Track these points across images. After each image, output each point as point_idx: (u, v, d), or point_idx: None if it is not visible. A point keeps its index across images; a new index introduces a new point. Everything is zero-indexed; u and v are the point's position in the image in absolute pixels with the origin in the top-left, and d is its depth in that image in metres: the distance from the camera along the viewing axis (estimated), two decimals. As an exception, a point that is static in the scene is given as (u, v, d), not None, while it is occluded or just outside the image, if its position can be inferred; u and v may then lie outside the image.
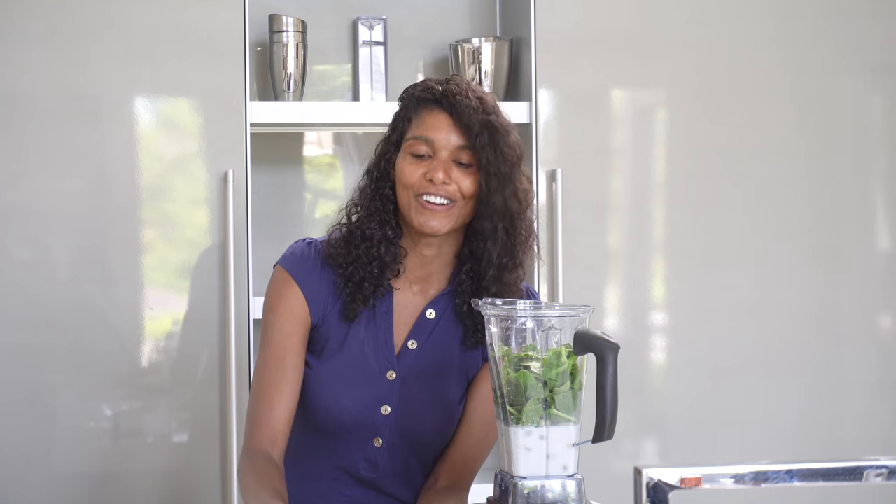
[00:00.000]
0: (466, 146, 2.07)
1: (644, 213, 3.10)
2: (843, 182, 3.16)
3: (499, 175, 2.07)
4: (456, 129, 2.07)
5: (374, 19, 3.19)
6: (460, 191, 2.07)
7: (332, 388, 2.13)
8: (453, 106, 2.07)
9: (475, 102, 2.08)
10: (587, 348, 1.80)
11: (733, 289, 3.10)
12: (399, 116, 2.13)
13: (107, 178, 2.89)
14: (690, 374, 3.09)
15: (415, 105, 2.11)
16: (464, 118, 2.06)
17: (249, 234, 2.91)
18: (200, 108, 2.93)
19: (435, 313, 2.15)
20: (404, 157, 2.10)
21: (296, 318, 2.13)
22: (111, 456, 2.88)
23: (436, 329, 2.15)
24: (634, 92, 3.14)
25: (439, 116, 2.08)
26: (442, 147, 2.07)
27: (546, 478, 1.82)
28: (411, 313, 2.16)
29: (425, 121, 2.09)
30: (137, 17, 2.89)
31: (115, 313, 2.88)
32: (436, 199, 2.06)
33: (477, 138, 2.06)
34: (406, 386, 2.14)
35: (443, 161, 2.07)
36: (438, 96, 2.08)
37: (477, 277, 2.13)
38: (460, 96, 2.07)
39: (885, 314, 3.19)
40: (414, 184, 2.07)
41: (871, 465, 1.74)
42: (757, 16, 3.12)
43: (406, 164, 2.09)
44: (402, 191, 2.09)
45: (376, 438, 2.14)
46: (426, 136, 2.07)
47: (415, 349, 2.14)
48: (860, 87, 3.17)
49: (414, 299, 2.16)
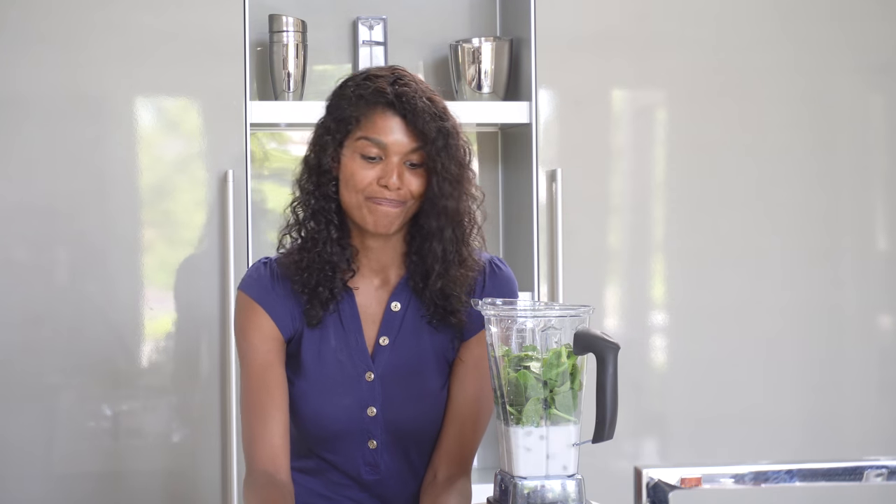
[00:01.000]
0: (418, 148, 2.06)
1: (644, 213, 3.10)
2: (843, 182, 3.16)
3: (450, 179, 2.07)
4: (408, 132, 2.05)
5: (374, 19, 3.19)
6: (411, 192, 2.07)
7: (315, 401, 2.13)
8: (407, 110, 2.05)
9: (428, 105, 2.06)
10: (587, 348, 1.80)
11: (733, 289, 3.10)
12: (345, 113, 2.08)
13: (107, 178, 2.89)
14: (690, 374, 3.09)
15: (364, 105, 2.07)
16: (419, 123, 2.05)
17: (249, 234, 2.91)
18: (200, 108, 2.93)
19: (400, 305, 2.15)
20: (353, 157, 2.07)
21: (268, 336, 2.12)
22: (111, 456, 2.88)
23: (404, 321, 2.15)
24: (634, 92, 3.14)
25: (392, 120, 2.06)
26: (394, 151, 2.05)
27: (546, 478, 1.82)
28: (377, 309, 2.15)
29: (377, 123, 2.06)
30: (137, 17, 2.89)
31: (115, 313, 2.88)
32: (388, 206, 2.06)
33: (432, 144, 2.05)
34: (386, 384, 2.13)
35: (395, 165, 2.05)
36: (392, 99, 2.06)
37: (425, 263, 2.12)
38: (413, 98, 2.05)
39: (885, 314, 3.19)
40: (365, 188, 2.06)
41: (871, 465, 1.74)
42: (757, 16, 3.12)
43: (356, 167, 2.06)
44: (349, 192, 2.07)
45: (370, 441, 2.14)
46: (379, 139, 2.05)
47: (387, 345, 2.14)
48: (860, 86, 3.17)
49: (376, 294, 2.15)
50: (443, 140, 2.06)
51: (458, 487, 2.13)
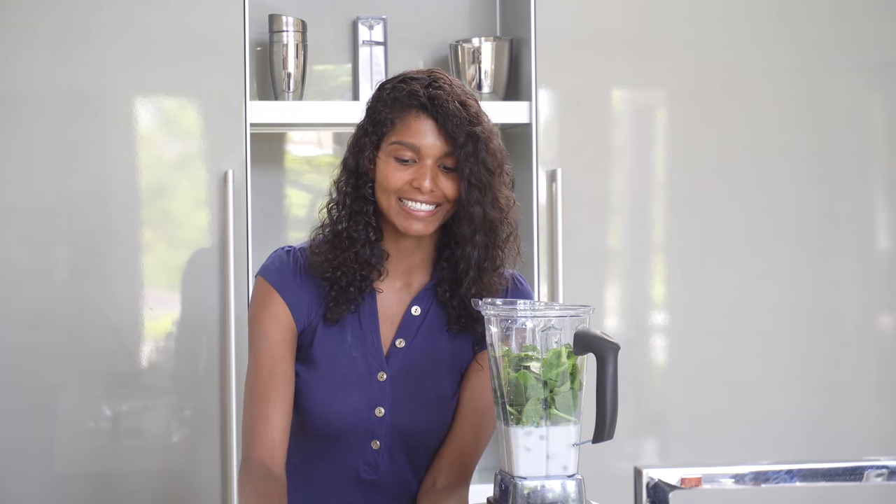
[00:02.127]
0: (451, 152, 2.07)
1: (644, 213, 3.10)
2: (843, 182, 3.16)
3: (479, 185, 2.07)
4: (441, 135, 2.06)
5: (374, 19, 3.19)
6: (445, 195, 2.07)
7: (323, 395, 2.12)
8: (439, 114, 2.06)
9: (460, 109, 2.07)
10: (587, 348, 1.80)
11: (733, 289, 3.10)
12: (381, 116, 2.10)
13: (107, 178, 2.89)
14: (690, 374, 3.09)
15: (399, 108, 2.08)
16: (449, 127, 2.05)
17: (249, 234, 2.91)
18: (200, 108, 2.93)
19: (420, 309, 2.15)
20: (388, 160, 2.08)
21: (282, 326, 2.12)
22: (111, 456, 2.88)
23: (422, 325, 2.15)
24: (634, 92, 3.14)
25: (426, 123, 2.06)
26: (428, 154, 2.06)
27: (546, 478, 1.82)
28: (396, 311, 2.15)
29: (411, 126, 2.07)
30: (137, 17, 2.89)
31: (114, 313, 2.88)
32: (421, 206, 2.06)
33: (461, 149, 2.05)
34: (397, 386, 2.13)
35: (429, 168, 2.06)
36: (425, 101, 2.07)
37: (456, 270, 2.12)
38: (446, 103, 2.06)
39: (885, 314, 3.19)
40: (399, 189, 2.07)
41: (871, 465, 1.74)
42: (757, 16, 3.12)
43: (390, 170, 2.07)
44: (383, 194, 2.08)
45: (374, 441, 2.14)
46: (412, 142, 2.06)
47: (403, 347, 2.14)
48: (860, 86, 3.17)
49: (398, 296, 2.16)
50: (472, 145, 2.06)
51: (456, 497, 2.13)
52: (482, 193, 2.07)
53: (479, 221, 2.08)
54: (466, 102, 2.09)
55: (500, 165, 2.11)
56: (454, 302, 2.13)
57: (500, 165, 2.11)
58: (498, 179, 2.10)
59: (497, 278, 2.13)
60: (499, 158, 2.10)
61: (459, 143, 2.05)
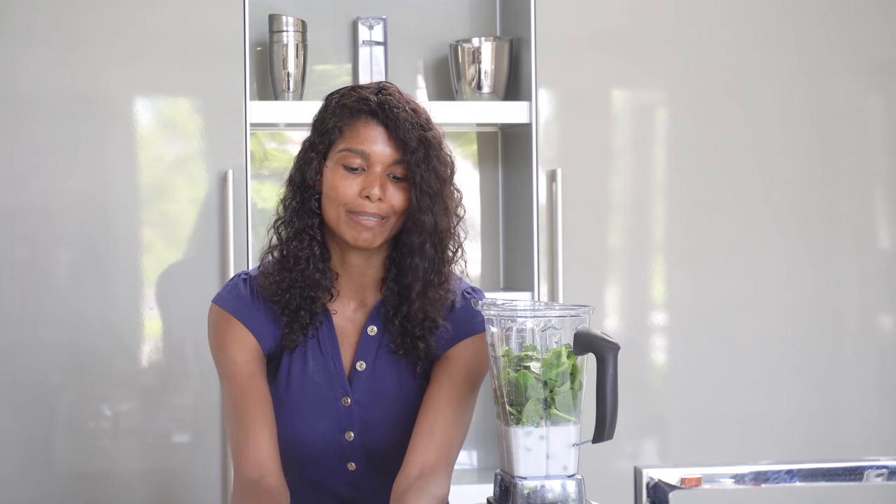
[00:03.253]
0: (401, 160, 2.02)
1: (644, 213, 3.10)
2: (843, 182, 3.16)
3: (430, 193, 2.02)
4: (391, 142, 2.01)
5: (374, 19, 3.19)
6: (393, 207, 2.02)
7: (292, 420, 2.10)
8: (389, 119, 2.01)
9: (411, 115, 2.03)
10: (587, 348, 1.80)
11: (733, 288, 3.10)
12: (328, 125, 2.05)
13: (107, 178, 2.89)
14: (690, 374, 3.09)
15: (348, 115, 2.04)
16: (400, 132, 2.01)
17: (249, 235, 2.91)
18: (200, 108, 2.93)
19: (376, 329, 2.10)
20: (336, 169, 2.03)
21: (247, 349, 2.07)
22: (111, 456, 2.88)
23: (381, 345, 2.11)
24: (634, 92, 3.14)
25: (376, 129, 2.02)
26: (377, 161, 2.01)
27: (546, 478, 1.82)
28: (353, 333, 2.11)
29: (360, 133, 2.02)
30: (137, 17, 2.89)
31: (114, 313, 2.88)
32: (370, 218, 2.01)
33: (413, 154, 2.01)
34: (364, 409, 2.10)
35: (378, 176, 2.01)
36: (374, 107, 2.02)
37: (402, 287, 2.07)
38: (397, 108, 2.02)
39: (885, 314, 3.19)
40: (346, 201, 2.01)
41: (871, 465, 1.74)
42: (757, 16, 3.12)
43: (338, 179, 2.02)
44: (330, 205, 2.03)
45: (349, 463, 2.11)
46: (361, 149, 2.01)
47: (364, 370, 2.10)
48: (860, 86, 3.17)
49: (353, 317, 2.11)
50: (423, 151, 2.02)
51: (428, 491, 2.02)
52: (432, 201, 2.02)
53: (429, 229, 2.03)
54: (417, 109, 2.05)
55: (451, 175, 2.07)
56: (396, 321, 2.08)
57: (451, 175, 2.07)
58: (448, 188, 2.06)
59: (443, 293, 2.07)
60: (449, 167, 2.06)
61: (411, 149, 2.01)
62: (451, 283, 2.09)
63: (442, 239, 2.05)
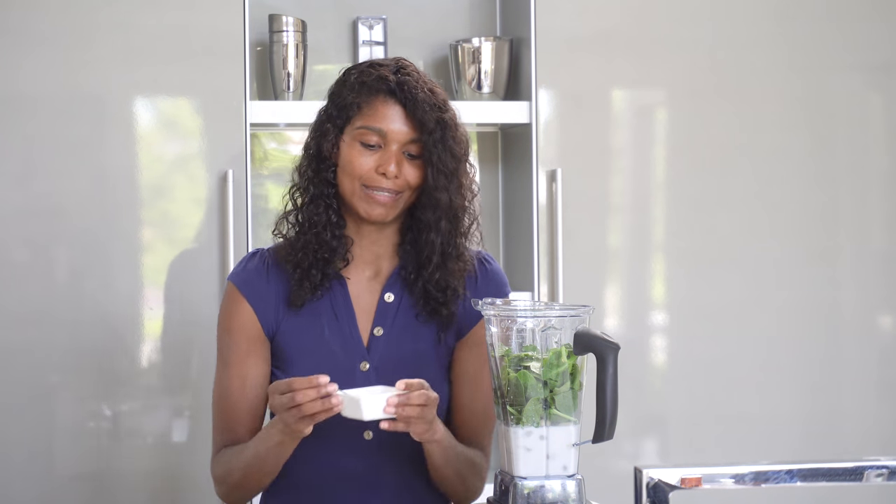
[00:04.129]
0: (417, 139, 2.07)
1: (644, 213, 3.10)
2: (843, 182, 3.16)
3: (445, 172, 2.08)
4: (408, 121, 2.07)
5: (374, 19, 3.19)
6: (408, 182, 2.08)
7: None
8: (408, 99, 2.07)
9: (429, 95, 2.08)
10: (587, 348, 1.80)
11: (733, 289, 3.10)
12: (346, 100, 2.10)
13: (107, 178, 2.89)
14: (690, 374, 3.09)
15: (367, 93, 2.09)
16: (418, 113, 2.06)
17: (249, 234, 2.91)
18: (200, 108, 2.93)
19: (393, 296, 2.14)
20: (352, 144, 2.09)
21: (250, 337, 2.12)
22: (111, 456, 2.88)
23: (398, 312, 2.14)
24: (634, 92, 3.14)
25: (393, 108, 2.08)
26: (394, 139, 2.07)
27: (546, 478, 1.82)
28: (370, 301, 2.14)
29: (378, 111, 2.08)
30: (138, 17, 2.89)
31: (114, 313, 2.88)
32: (384, 194, 2.06)
33: (430, 135, 2.06)
34: (382, 375, 2.11)
35: (394, 153, 2.07)
36: (393, 86, 2.08)
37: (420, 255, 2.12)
38: (415, 89, 2.07)
39: (885, 314, 3.19)
40: (363, 175, 2.07)
41: (871, 465, 1.74)
42: (757, 16, 3.12)
43: (355, 154, 2.08)
44: (346, 178, 2.09)
45: (365, 432, 2.12)
46: (379, 127, 2.07)
47: (381, 336, 2.12)
48: (859, 86, 3.17)
49: (369, 286, 2.15)
50: (440, 131, 2.07)
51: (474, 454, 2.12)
52: (448, 180, 2.08)
53: (444, 207, 2.08)
54: (434, 90, 2.10)
55: (466, 154, 2.12)
56: (419, 284, 2.12)
57: (466, 154, 2.12)
58: (463, 166, 2.11)
59: (462, 264, 2.13)
60: (464, 147, 2.12)
61: (428, 130, 2.06)
62: (468, 254, 2.15)
63: (457, 215, 2.11)
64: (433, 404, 1.95)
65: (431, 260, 2.10)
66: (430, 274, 2.10)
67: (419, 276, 2.12)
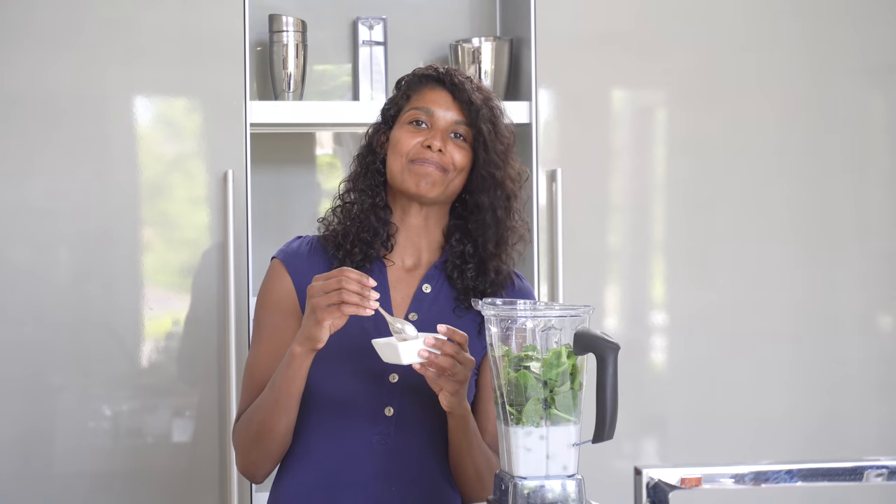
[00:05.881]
0: (464, 122, 2.16)
1: (644, 213, 3.10)
2: (843, 182, 3.16)
3: (496, 151, 2.16)
4: (455, 106, 2.16)
5: (374, 19, 3.19)
6: (453, 162, 2.15)
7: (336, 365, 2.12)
8: (454, 85, 2.16)
9: (474, 86, 2.18)
10: (587, 348, 1.80)
11: (733, 289, 3.10)
12: (398, 94, 2.22)
13: (107, 178, 2.89)
14: (690, 374, 3.09)
15: (416, 83, 2.20)
16: (464, 96, 2.15)
17: (249, 234, 2.91)
18: (200, 108, 2.93)
19: (431, 287, 2.19)
20: (401, 126, 2.18)
21: (285, 311, 2.17)
22: (111, 456, 2.88)
23: (435, 302, 2.18)
24: (634, 92, 3.14)
25: (441, 93, 2.18)
26: (441, 118, 2.16)
27: (546, 478, 1.82)
28: (407, 289, 2.19)
29: (426, 95, 2.18)
30: (137, 17, 2.89)
31: (115, 313, 2.88)
32: (431, 167, 2.13)
33: (478, 113, 2.14)
34: None
35: (440, 131, 2.15)
36: (441, 75, 2.18)
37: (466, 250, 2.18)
38: (462, 78, 2.18)
39: (885, 314, 3.19)
40: (409, 150, 2.15)
41: (871, 465, 1.74)
42: (756, 16, 3.12)
43: (403, 133, 2.17)
44: (395, 159, 2.17)
45: (387, 408, 2.13)
46: (426, 107, 2.17)
47: (416, 321, 2.15)
48: (859, 87, 3.17)
49: (408, 275, 2.20)
50: (488, 111, 2.16)
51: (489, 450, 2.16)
52: (500, 160, 2.16)
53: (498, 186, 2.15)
54: (480, 86, 2.20)
55: (512, 145, 2.20)
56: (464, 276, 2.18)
57: (512, 145, 2.20)
58: (512, 154, 2.20)
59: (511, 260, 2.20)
60: (510, 136, 2.20)
61: (476, 108, 2.15)
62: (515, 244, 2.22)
63: (510, 202, 2.18)
64: (468, 365, 1.99)
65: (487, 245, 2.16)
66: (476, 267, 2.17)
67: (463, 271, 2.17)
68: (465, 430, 2.09)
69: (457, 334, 1.99)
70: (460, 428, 2.09)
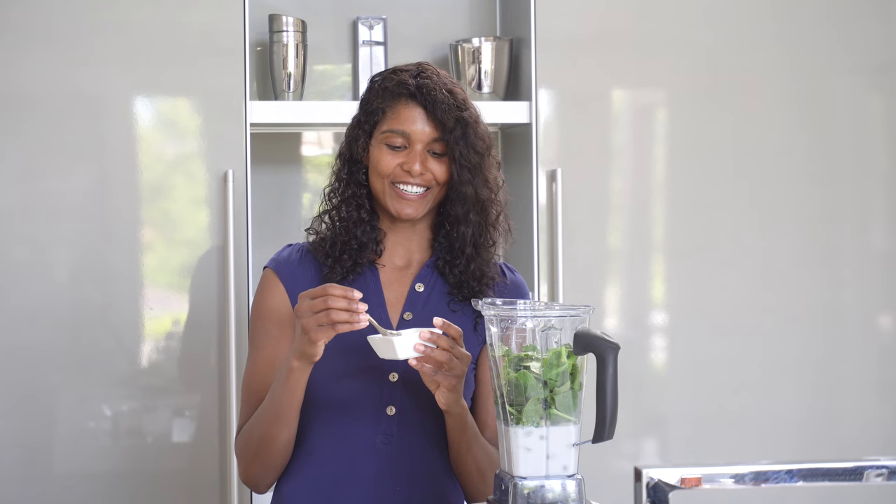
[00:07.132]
0: (439, 138, 2.16)
1: (644, 213, 3.10)
2: (843, 182, 3.16)
3: (469, 167, 2.17)
4: (430, 122, 2.16)
5: (374, 19, 3.19)
6: (434, 178, 2.17)
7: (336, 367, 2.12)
8: (427, 101, 2.16)
9: (447, 96, 2.17)
10: (587, 348, 1.80)
11: (733, 288, 3.10)
12: (372, 106, 2.21)
13: (107, 178, 2.89)
14: (690, 374, 3.09)
15: (389, 97, 2.19)
16: (438, 114, 2.15)
17: (249, 235, 2.91)
18: (200, 108, 2.93)
19: (424, 286, 2.21)
20: (380, 147, 2.18)
21: (280, 321, 2.18)
22: (111, 456, 2.88)
23: (428, 301, 2.19)
24: (634, 92, 3.14)
25: (415, 110, 2.17)
26: (417, 140, 2.16)
27: (546, 478, 1.82)
28: (400, 289, 2.21)
29: (401, 114, 2.17)
30: (138, 17, 2.89)
31: (114, 313, 2.88)
32: (412, 189, 2.16)
33: (451, 133, 2.15)
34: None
35: (418, 153, 2.16)
36: (413, 90, 2.17)
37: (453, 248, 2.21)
38: (434, 90, 2.16)
39: (885, 314, 3.19)
40: (390, 174, 2.16)
41: (871, 465, 1.74)
42: (757, 16, 3.12)
43: (382, 155, 2.17)
44: (376, 178, 2.18)
45: (389, 407, 2.14)
46: (402, 129, 2.16)
47: (411, 320, 2.17)
48: (860, 87, 3.17)
49: (400, 275, 2.22)
50: (461, 129, 2.16)
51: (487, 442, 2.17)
52: (473, 175, 2.17)
53: (471, 201, 2.18)
54: (453, 90, 2.19)
55: (488, 148, 2.21)
56: (455, 272, 2.20)
57: (488, 148, 2.21)
58: (486, 161, 2.20)
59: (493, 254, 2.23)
60: (486, 142, 2.21)
61: (448, 128, 2.15)
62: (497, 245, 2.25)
63: (484, 207, 2.20)
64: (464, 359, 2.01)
65: (464, 251, 2.19)
66: (464, 264, 2.19)
67: (454, 266, 2.20)
68: (463, 428, 2.10)
69: (451, 328, 2.01)
70: (458, 426, 2.10)
